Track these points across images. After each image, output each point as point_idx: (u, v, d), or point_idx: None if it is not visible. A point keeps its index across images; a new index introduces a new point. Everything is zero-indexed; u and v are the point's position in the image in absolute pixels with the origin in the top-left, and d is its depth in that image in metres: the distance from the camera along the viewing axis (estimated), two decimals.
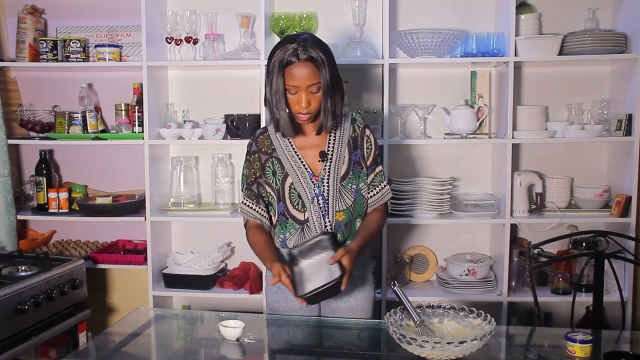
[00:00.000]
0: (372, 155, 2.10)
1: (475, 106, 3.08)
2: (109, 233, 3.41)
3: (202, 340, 2.03)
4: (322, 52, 1.90)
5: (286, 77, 1.90)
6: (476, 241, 3.26)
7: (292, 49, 1.88)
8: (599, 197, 3.06)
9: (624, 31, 2.96)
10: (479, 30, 3.09)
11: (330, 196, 2.04)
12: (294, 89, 1.91)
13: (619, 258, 2.44)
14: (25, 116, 3.23)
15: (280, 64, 1.89)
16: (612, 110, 3.00)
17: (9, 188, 2.98)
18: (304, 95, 1.91)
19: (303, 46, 1.88)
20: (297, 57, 1.88)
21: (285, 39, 1.94)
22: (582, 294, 2.93)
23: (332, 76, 1.93)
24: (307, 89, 1.90)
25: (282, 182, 2.05)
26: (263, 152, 2.08)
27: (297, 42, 1.89)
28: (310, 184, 2.04)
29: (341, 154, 2.06)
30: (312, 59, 1.88)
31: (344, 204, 2.05)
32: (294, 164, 2.05)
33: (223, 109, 3.16)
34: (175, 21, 3.15)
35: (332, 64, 1.94)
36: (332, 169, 2.05)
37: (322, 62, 1.89)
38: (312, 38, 1.93)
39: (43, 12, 3.32)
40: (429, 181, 3.04)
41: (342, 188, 2.05)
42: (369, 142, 2.10)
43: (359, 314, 2.12)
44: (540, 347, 1.99)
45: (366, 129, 2.10)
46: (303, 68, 1.88)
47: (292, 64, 1.88)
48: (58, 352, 2.54)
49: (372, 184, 2.10)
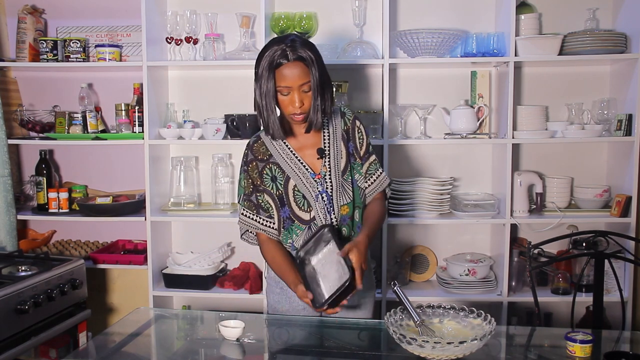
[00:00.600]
0: (365, 145, 2.11)
1: (475, 106, 3.08)
2: (109, 233, 3.41)
3: (202, 340, 2.03)
4: (310, 51, 1.91)
5: (277, 78, 1.90)
6: (476, 241, 3.26)
7: (281, 50, 1.88)
8: (599, 197, 3.06)
9: (624, 31, 2.96)
10: (479, 30, 3.09)
11: (334, 191, 2.04)
12: (286, 90, 1.91)
13: (619, 258, 2.44)
14: (25, 116, 3.23)
15: (270, 66, 1.89)
16: (612, 110, 3.01)
17: (9, 188, 2.98)
18: (296, 95, 1.91)
19: (292, 47, 1.89)
20: (287, 58, 1.88)
21: (272, 42, 1.94)
22: (582, 294, 2.93)
23: (321, 74, 1.94)
24: (299, 88, 1.91)
25: (284, 186, 2.04)
26: (260, 160, 2.07)
27: (285, 43, 1.89)
28: (313, 183, 2.04)
29: (338, 148, 2.07)
30: (302, 59, 1.89)
31: (347, 197, 2.06)
32: (294, 166, 2.05)
33: (223, 109, 3.16)
34: (175, 21, 3.15)
35: (320, 62, 1.95)
36: (332, 164, 2.05)
37: (311, 60, 1.90)
38: (299, 38, 1.94)
39: (43, 12, 3.33)
40: (429, 181, 3.04)
41: (344, 182, 2.06)
42: (360, 132, 2.11)
43: (360, 314, 2.12)
44: (540, 347, 1.99)
45: (356, 120, 2.11)
46: (294, 68, 1.89)
47: (282, 65, 1.89)
48: (58, 352, 2.54)
49: (368, 172, 2.11)
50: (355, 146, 2.10)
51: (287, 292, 2.09)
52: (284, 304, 2.12)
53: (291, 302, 2.10)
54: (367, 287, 2.11)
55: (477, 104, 3.09)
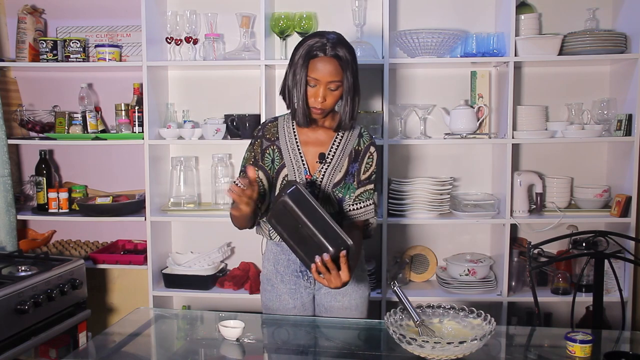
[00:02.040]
0: (370, 172, 2.09)
1: (475, 106, 3.08)
2: (109, 233, 3.41)
3: (202, 340, 2.03)
4: (348, 54, 1.93)
5: (310, 69, 1.92)
6: (476, 241, 3.26)
7: (321, 43, 1.91)
8: (599, 197, 3.06)
9: (624, 31, 2.96)
10: (479, 30, 3.09)
11: (319, 198, 2.03)
12: (314, 82, 1.93)
13: (619, 258, 2.44)
14: (25, 116, 3.23)
15: (307, 55, 1.91)
16: (612, 110, 3.01)
17: (9, 188, 2.98)
18: (321, 90, 1.93)
19: (332, 43, 1.91)
20: (324, 52, 1.90)
21: (315, 34, 1.97)
22: (582, 294, 2.93)
23: (355, 78, 1.96)
24: (326, 84, 1.92)
25: (277, 172, 2.06)
26: (267, 139, 2.08)
27: (327, 37, 1.92)
28: (303, 179, 2.04)
29: (340, 162, 2.06)
30: (338, 57, 1.91)
31: (331, 208, 2.04)
32: (293, 157, 2.05)
33: (223, 109, 3.16)
34: (175, 21, 3.15)
35: (355, 67, 1.96)
36: (327, 173, 2.04)
37: (346, 62, 1.92)
38: (342, 38, 1.96)
39: (43, 12, 3.33)
40: (429, 181, 3.04)
41: (332, 194, 2.05)
42: (371, 158, 2.09)
43: (352, 314, 2.12)
44: (540, 347, 1.99)
45: (371, 147, 2.09)
46: (327, 63, 1.90)
47: (318, 57, 1.91)
48: (58, 352, 2.54)
49: (359, 197, 2.08)
50: (360, 169, 2.08)
51: (277, 290, 2.12)
52: (274, 301, 2.14)
53: (281, 300, 2.13)
54: (358, 287, 2.12)
55: (477, 104, 3.09)
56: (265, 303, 2.18)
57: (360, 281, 2.13)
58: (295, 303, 2.12)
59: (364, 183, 2.08)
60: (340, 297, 2.09)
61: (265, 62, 2.95)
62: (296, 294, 2.12)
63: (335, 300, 2.10)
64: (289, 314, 2.12)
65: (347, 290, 2.08)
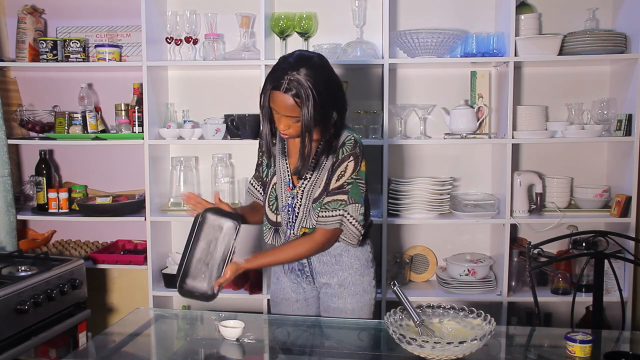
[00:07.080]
0: (342, 182, 1.95)
1: (475, 106, 3.08)
2: (109, 233, 3.41)
3: (202, 340, 2.03)
4: (311, 87, 1.80)
5: (270, 98, 1.87)
6: (476, 241, 3.26)
7: (277, 76, 1.82)
8: (599, 197, 3.06)
9: (624, 31, 2.96)
10: (479, 30, 3.09)
11: (300, 213, 2.02)
12: (276, 111, 1.89)
13: (619, 258, 2.44)
14: (25, 116, 3.23)
15: (269, 83, 1.86)
16: (612, 110, 3.00)
17: (9, 188, 2.98)
18: (283, 120, 1.88)
19: (291, 78, 1.80)
20: (279, 88, 1.82)
21: (283, 59, 1.88)
22: (582, 294, 2.93)
23: (318, 110, 1.83)
24: (286, 116, 1.87)
25: (270, 177, 2.10)
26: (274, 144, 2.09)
27: (290, 68, 1.81)
28: (286, 191, 2.05)
29: (320, 177, 1.99)
30: (294, 94, 1.81)
31: (310, 224, 2.00)
32: (281, 166, 2.07)
33: (223, 109, 3.16)
34: (175, 21, 3.15)
35: (322, 99, 1.83)
36: (306, 189, 2.01)
37: (306, 99, 1.80)
38: (307, 65, 1.83)
39: (43, 12, 3.33)
40: (429, 181, 3.04)
41: (312, 209, 2.00)
42: (345, 169, 1.95)
43: (353, 317, 2.11)
44: (540, 347, 1.99)
45: (350, 157, 1.94)
46: (284, 99, 1.83)
47: (277, 90, 1.84)
48: (58, 352, 2.54)
49: (326, 206, 1.96)
50: (330, 179, 1.97)
51: (282, 283, 2.17)
52: (279, 294, 2.19)
53: (285, 293, 2.17)
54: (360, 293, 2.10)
55: (477, 104, 3.09)
56: (272, 295, 2.23)
57: (362, 288, 2.11)
58: (298, 297, 2.16)
59: (334, 192, 1.96)
60: (341, 302, 2.09)
61: (265, 62, 2.95)
62: (299, 288, 2.16)
63: (332, 302, 2.09)
64: (292, 307, 2.16)
65: (348, 293, 2.08)
